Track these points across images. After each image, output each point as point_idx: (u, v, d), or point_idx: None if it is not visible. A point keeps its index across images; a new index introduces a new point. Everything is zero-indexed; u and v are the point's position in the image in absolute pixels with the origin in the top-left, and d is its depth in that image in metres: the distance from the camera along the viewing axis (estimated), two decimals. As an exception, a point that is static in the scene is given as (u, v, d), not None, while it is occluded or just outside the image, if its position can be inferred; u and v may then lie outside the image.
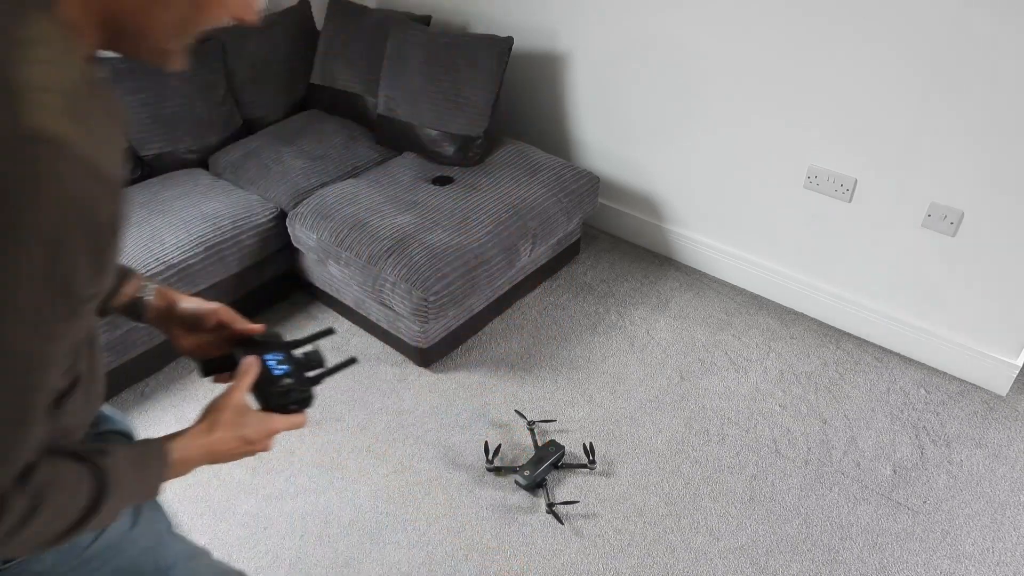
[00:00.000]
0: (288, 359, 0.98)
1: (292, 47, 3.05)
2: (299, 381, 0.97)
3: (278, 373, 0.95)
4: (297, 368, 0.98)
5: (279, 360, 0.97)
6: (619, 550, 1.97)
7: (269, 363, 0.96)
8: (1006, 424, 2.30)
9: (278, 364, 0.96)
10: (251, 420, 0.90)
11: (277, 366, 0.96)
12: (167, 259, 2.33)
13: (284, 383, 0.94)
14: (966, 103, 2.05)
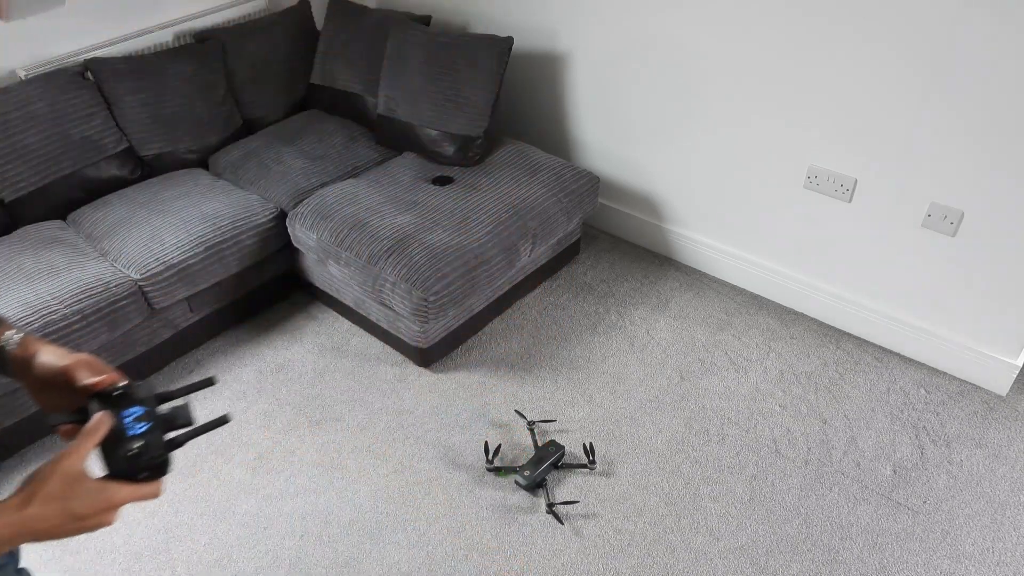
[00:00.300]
0: (149, 415, 0.84)
1: (292, 47, 3.05)
2: (154, 442, 0.82)
3: (133, 433, 0.82)
4: (157, 427, 0.84)
5: (138, 416, 0.83)
6: (619, 550, 1.97)
7: (125, 420, 0.82)
8: (1006, 424, 2.30)
9: (135, 421, 0.83)
10: (83, 491, 0.74)
11: (134, 424, 0.83)
12: (167, 259, 2.34)
13: (135, 445, 0.81)
14: (966, 103, 2.05)
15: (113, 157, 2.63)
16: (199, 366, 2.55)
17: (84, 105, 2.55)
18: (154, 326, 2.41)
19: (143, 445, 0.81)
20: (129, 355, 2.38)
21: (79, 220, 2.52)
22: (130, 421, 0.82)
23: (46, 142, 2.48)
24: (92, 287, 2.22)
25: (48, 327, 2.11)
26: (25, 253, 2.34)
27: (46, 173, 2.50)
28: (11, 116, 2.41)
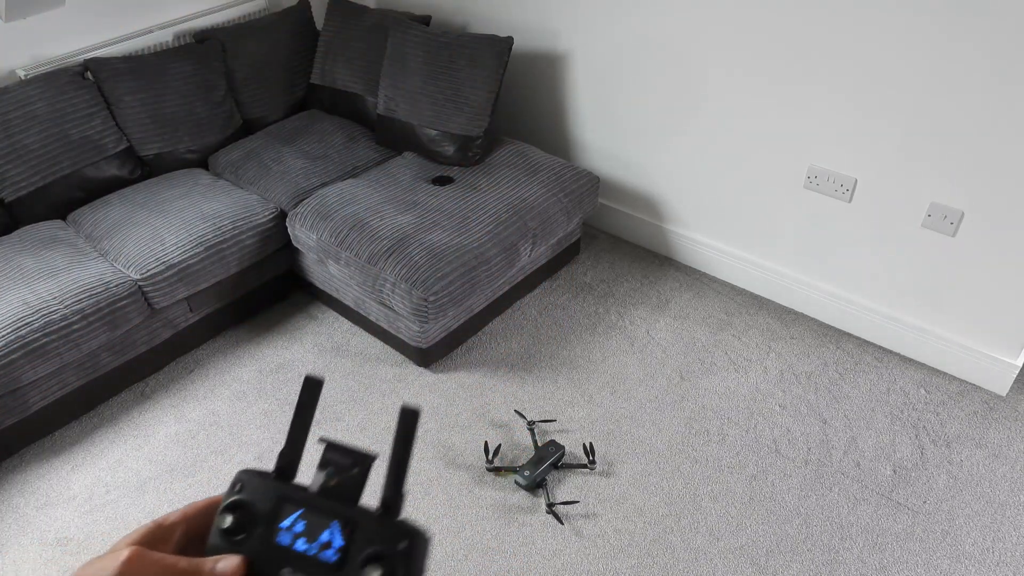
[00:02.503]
0: (317, 508, 0.48)
1: (292, 47, 3.05)
2: (387, 535, 0.47)
3: (300, 548, 0.47)
4: (351, 520, 0.48)
5: (298, 521, 0.48)
6: (619, 550, 1.97)
7: (282, 540, 0.48)
8: (1006, 424, 2.30)
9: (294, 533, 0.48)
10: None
11: (291, 536, 0.48)
12: (167, 259, 2.33)
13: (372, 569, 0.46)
14: (966, 103, 2.05)
15: (113, 157, 2.63)
16: (199, 366, 2.55)
17: (84, 105, 2.55)
18: (154, 326, 2.41)
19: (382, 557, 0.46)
20: (129, 355, 2.38)
21: (79, 220, 2.52)
22: (290, 536, 0.47)
23: (46, 142, 2.48)
24: (92, 287, 2.22)
25: (48, 327, 2.11)
26: (25, 253, 2.34)
27: (46, 173, 2.50)
28: (11, 116, 2.41)
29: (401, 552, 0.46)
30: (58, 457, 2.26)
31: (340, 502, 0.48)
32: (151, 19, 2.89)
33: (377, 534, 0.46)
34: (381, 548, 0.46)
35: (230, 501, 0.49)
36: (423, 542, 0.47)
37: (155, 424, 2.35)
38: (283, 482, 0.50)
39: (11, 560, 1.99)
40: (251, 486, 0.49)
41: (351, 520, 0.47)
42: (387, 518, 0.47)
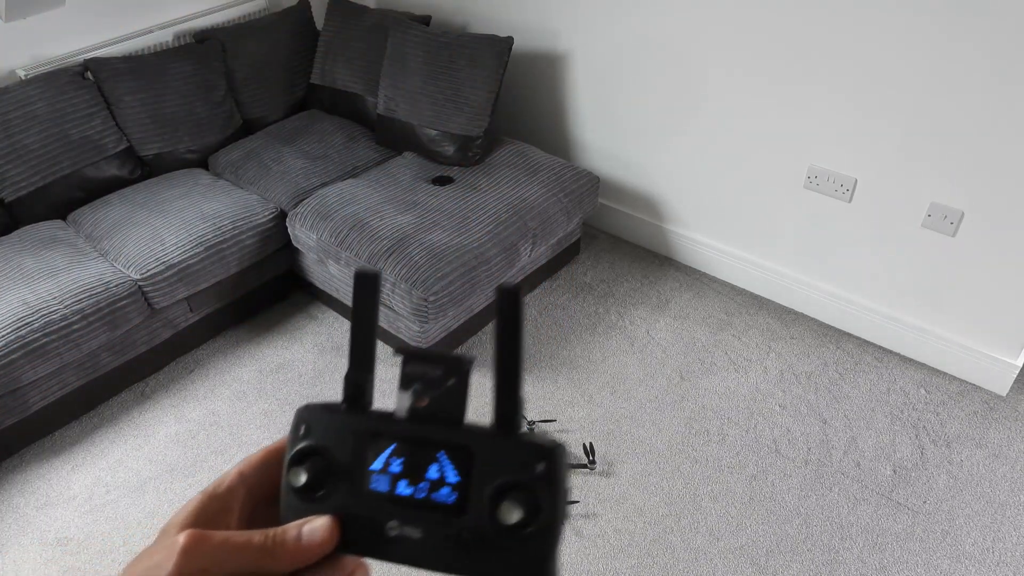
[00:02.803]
0: (412, 440, 0.38)
1: (292, 47, 3.05)
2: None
3: (441, 496, 0.38)
4: (463, 453, 0.38)
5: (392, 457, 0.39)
6: (619, 550, 1.97)
7: (375, 484, 0.38)
8: (1006, 424, 2.30)
9: (399, 472, 0.38)
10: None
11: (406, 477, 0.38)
12: (167, 259, 2.33)
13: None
14: (966, 103, 2.05)
15: (113, 157, 2.63)
16: (199, 366, 2.55)
17: (84, 105, 2.55)
18: (154, 326, 2.41)
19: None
20: (129, 355, 2.38)
21: (79, 220, 2.52)
22: (386, 480, 0.38)
23: (46, 142, 2.48)
24: (92, 287, 2.22)
25: (48, 327, 2.11)
26: (25, 253, 2.34)
27: (46, 173, 2.50)
28: (11, 116, 2.41)
29: (540, 477, 0.36)
30: (58, 457, 2.26)
31: (440, 426, 0.38)
32: (151, 19, 2.89)
33: (502, 459, 0.36)
34: (513, 476, 0.36)
35: (299, 450, 0.38)
36: (563, 458, 0.36)
37: (155, 424, 2.35)
38: (358, 413, 0.39)
39: (11, 560, 1.99)
40: (320, 426, 0.39)
41: (462, 447, 0.37)
42: (510, 436, 0.37)
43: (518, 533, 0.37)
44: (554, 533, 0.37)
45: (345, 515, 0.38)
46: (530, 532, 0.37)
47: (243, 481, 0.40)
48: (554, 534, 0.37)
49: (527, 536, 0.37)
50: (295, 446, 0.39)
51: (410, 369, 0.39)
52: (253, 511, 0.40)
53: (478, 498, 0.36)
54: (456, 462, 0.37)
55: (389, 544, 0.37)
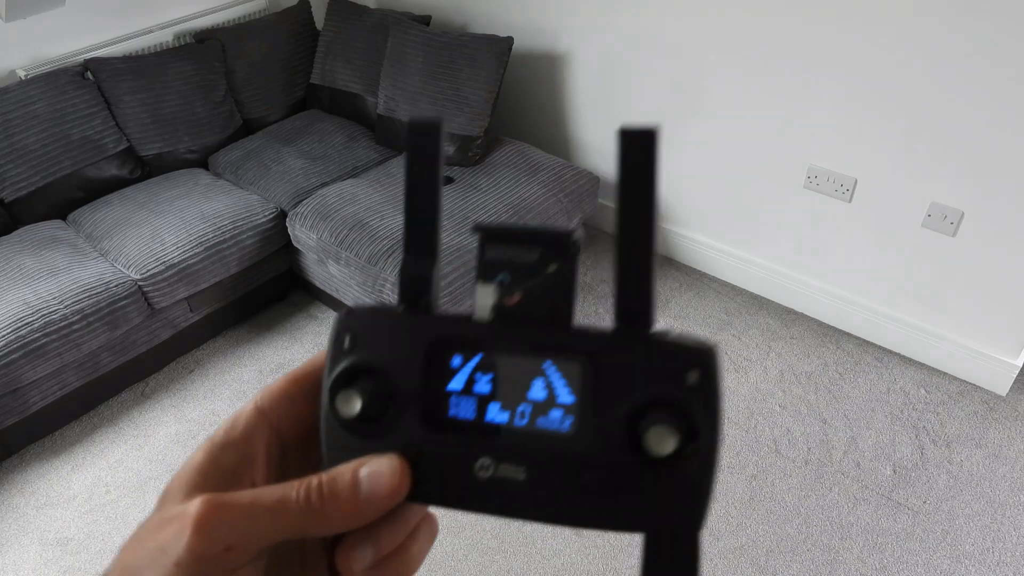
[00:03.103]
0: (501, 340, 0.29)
1: (292, 47, 3.05)
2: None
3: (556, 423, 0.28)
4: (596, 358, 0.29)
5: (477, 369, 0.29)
6: (619, 550, 1.97)
7: (453, 398, 0.29)
8: (1006, 424, 2.30)
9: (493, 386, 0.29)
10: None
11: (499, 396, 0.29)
12: (167, 259, 2.34)
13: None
14: (966, 103, 2.05)
15: (113, 157, 2.63)
16: (199, 366, 2.55)
17: (84, 105, 2.55)
18: (154, 326, 2.41)
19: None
20: (129, 355, 2.38)
21: (79, 220, 2.52)
22: (471, 405, 0.29)
23: (46, 142, 2.48)
24: (92, 287, 2.22)
25: (48, 327, 2.11)
26: (25, 253, 2.34)
27: (46, 173, 2.50)
28: (11, 116, 2.41)
29: (695, 390, 0.27)
30: (58, 457, 2.26)
31: (542, 328, 0.28)
32: (151, 19, 2.89)
33: (638, 368, 0.27)
34: (657, 390, 0.27)
35: (345, 368, 0.28)
36: (716, 361, 0.27)
37: (155, 424, 2.35)
38: (423, 317, 0.29)
39: (11, 560, 1.99)
40: (374, 335, 0.29)
41: (579, 353, 0.28)
42: (645, 337, 0.28)
43: (668, 467, 0.27)
44: (714, 464, 0.27)
45: (415, 453, 0.28)
46: (685, 465, 0.27)
47: (264, 418, 0.30)
48: (714, 466, 0.27)
49: (680, 470, 0.27)
50: (340, 363, 0.28)
51: (493, 253, 0.29)
52: (283, 459, 0.30)
53: (606, 423, 0.27)
54: (570, 375, 0.28)
55: (478, 490, 0.28)
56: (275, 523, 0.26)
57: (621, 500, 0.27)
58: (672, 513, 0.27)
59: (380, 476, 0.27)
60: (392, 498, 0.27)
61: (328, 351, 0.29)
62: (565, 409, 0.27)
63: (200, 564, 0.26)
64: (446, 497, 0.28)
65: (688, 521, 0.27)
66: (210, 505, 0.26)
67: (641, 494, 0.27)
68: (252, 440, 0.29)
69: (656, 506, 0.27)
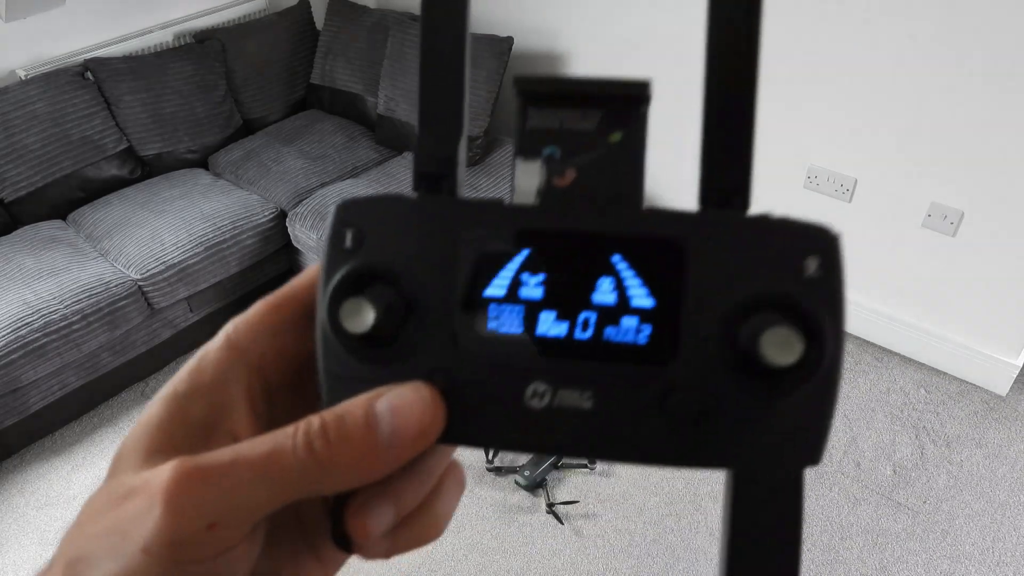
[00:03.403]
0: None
1: (292, 47, 3.05)
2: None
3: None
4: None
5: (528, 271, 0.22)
6: (619, 550, 1.97)
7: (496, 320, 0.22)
8: (1006, 424, 2.30)
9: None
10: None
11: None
12: (167, 259, 2.34)
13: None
14: (966, 103, 2.05)
15: (113, 157, 2.63)
16: (199, 366, 2.55)
17: (84, 105, 2.55)
18: (154, 326, 2.41)
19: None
20: (129, 355, 2.38)
21: (79, 220, 2.52)
22: (516, 314, 0.22)
23: (46, 142, 2.47)
24: (92, 287, 2.22)
25: (48, 327, 2.11)
26: (25, 253, 2.34)
27: (46, 173, 2.50)
28: (11, 116, 2.41)
29: (815, 282, 0.22)
30: (58, 457, 2.25)
31: (609, 213, 0.22)
32: (151, 19, 2.88)
33: (738, 256, 0.22)
34: (767, 285, 0.21)
35: (349, 272, 0.22)
36: (840, 245, 0.23)
37: (155, 424, 2.35)
38: (446, 203, 0.23)
39: (11, 560, 1.99)
40: (384, 228, 0.23)
41: (659, 241, 0.22)
42: (743, 220, 0.23)
43: (785, 383, 0.21)
44: (838, 379, 0.21)
45: (446, 381, 0.22)
46: (804, 379, 0.21)
47: (241, 356, 0.23)
48: (838, 381, 0.21)
49: (798, 386, 0.21)
50: (341, 267, 0.22)
51: (538, 119, 0.24)
52: (269, 405, 0.24)
53: (698, 329, 0.21)
54: (648, 271, 0.21)
55: (532, 424, 0.22)
56: (268, 485, 0.20)
57: (719, 428, 0.21)
58: (784, 443, 0.22)
59: (406, 410, 0.21)
60: (423, 439, 0.21)
61: (324, 254, 0.22)
62: (642, 315, 0.21)
63: (176, 549, 0.20)
64: (490, 435, 0.22)
65: (804, 452, 0.22)
66: (183, 471, 0.20)
67: (747, 419, 0.21)
68: (227, 384, 0.23)
69: (764, 434, 0.21)
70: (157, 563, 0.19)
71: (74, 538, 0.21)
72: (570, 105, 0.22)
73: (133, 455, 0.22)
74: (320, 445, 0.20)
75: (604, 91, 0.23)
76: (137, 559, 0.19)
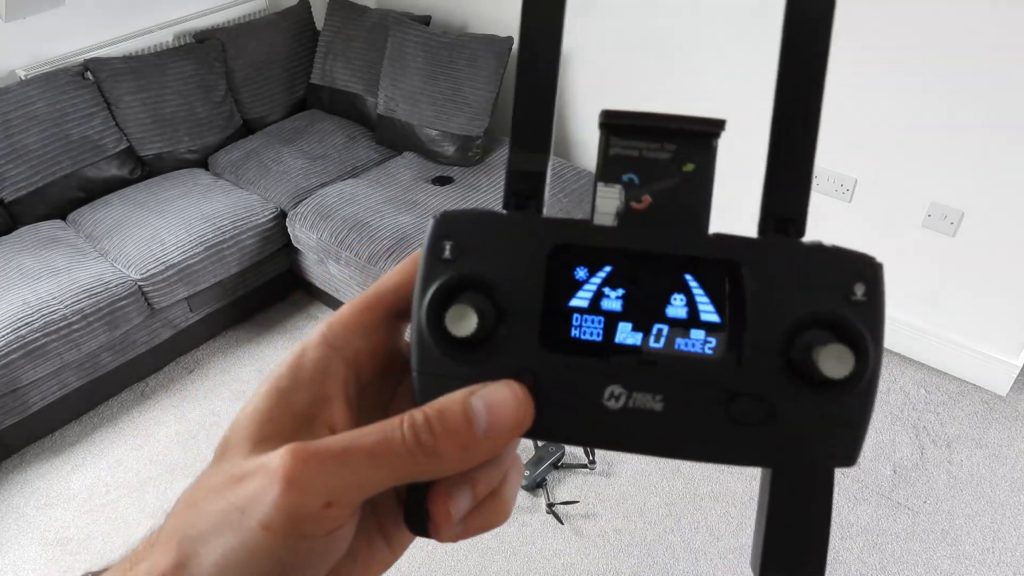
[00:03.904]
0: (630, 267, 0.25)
1: (292, 47, 3.05)
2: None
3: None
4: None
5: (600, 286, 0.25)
6: (619, 550, 1.97)
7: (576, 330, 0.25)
8: (1006, 424, 2.30)
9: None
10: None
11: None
12: (167, 259, 2.34)
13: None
14: (966, 103, 2.05)
15: (113, 157, 2.63)
16: (199, 366, 2.55)
17: (84, 105, 2.55)
18: (154, 326, 2.41)
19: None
20: (129, 355, 2.38)
21: (79, 220, 2.52)
22: (598, 324, 0.25)
23: (46, 142, 2.48)
24: (92, 287, 2.22)
25: (48, 327, 2.11)
26: (25, 253, 2.34)
27: (46, 173, 2.50)
28: (11, 116, 2.41)
29: (862, 306, 0.24)
30: (58, 457, 2.26)
31: (682, 237, 0.25)
32: (151, 19, 2.88)
33: (794, 280, 0.25)
34: (820, 306, 0.24)
35: (447, 281, 0.24)
36: (882, 274, 0.25)
37: (155, 424, 2.35)
38: (535, 222, 0.25)
39: (11, 560, 1.99)
40: (480, 242, 0.25)
41: (724, 263, 0.25)
42: (798, 247, 0.26)
43: (835, 393, 0.24)
44: (875, 391, 0.25)
45: (532, 380, 0.24)
46: (850, 390, 0.24)
47: (337, 353, 0.26)
48: (875, 392, 0.25)
49: (845, 395, 0.24)
50: (439, 276, 0.24)
51: (619, 148, 0.25)
52: (360, 397, 0.27)
53: (760, 343, 0.24)
54: (715, 290, 0.25)
55: (608, 423, 0.24)
56: (378, 469, 0.23)
57: (775, 432, 0.24)
58: (830, 445, 0.24)
59: (501, 405, 0.23)
60: (515, 431, 0.24)
61: (423, 261, 0.25)
62: (708, 328, 0.24)
63: (295, 525, 0.22)
64: (571, 431, 0.25)
65: (846, 453, 0.25)
66: (300, 454, 0.22)
67: (798, 425, 0.24)
68: (326, 379, 0.26)
69: (812, 438, 0.24)
70: (276, 537, 0.22)
71: (187, 515, 0.24)
72: (649, 137, 0.25)
73: (243, 442, 0.24)
74: (426, 436, 0.23)
75: (682, 126, 0.25)
76: (256, 534, 0.22)
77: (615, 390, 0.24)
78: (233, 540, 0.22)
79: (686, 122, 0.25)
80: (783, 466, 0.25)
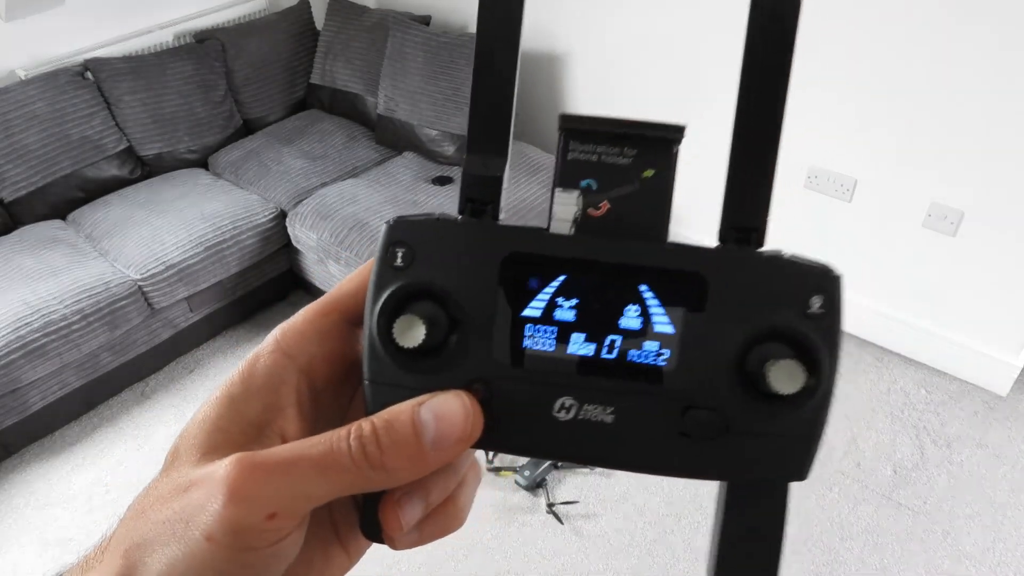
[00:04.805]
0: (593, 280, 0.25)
1: (292, 47, 3.05)
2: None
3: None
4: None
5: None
6: (619, 550, 1.97)
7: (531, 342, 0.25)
8: (1006, 424, 2.30)
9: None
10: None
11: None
12: (167, 259, 2.34)
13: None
14: (966, 103, 2.05)
15: (113, 157, 2.63)
16: (199, 366, 2.55)
17: (84, 105, 2.55)
18: (154, 326, 2.41)
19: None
20: (129, 355, 2.38)
21: (79, 220, 2.52)
22: (550, 334, 0.25)
23: (46, 142, 2.47)
24: (92, 287, 2.22)
25: (48, 327, 2.11)
26: (25, 253, 2.34)
27: (46, 173, 2.50)
28: (11, 116, 2.41)
29: (818, 319, 0.23)
30: (58, 457, 2.26)
31: (638, 246, 0.24)
32: (151, 19, 2.88)
33: (751, 292, 0.24)
34: (775, 319, 0.23)
35: (398, 289, 0.24)
36: (841, 286, 0.24)
37: (155, 424, 2.35)
38: (489, 228, 0.26)
39: (11, 560, 1.99)
40: (432, 249, 0.24)
41: (681, 274, 0.24)
42: (757, 258, 0.24)
43: (786, 408, 0.23)
44: (829, 406, 0.24)
45: (483, 391, 0.24)
46: (802, 405, 0.23)
47: (291, 361, 0.25)
48: (829, 407, 0.24)
49: (797, 411, 0.24)
50: (391, 283, 0.24)
51: (578, 153, 0.25)
52: (314, 405, 0.26)
53: (713, 356, 0.23)
54: (670, 301, 0.23)
55: (558, 435, 0.24)
56: (325, 481, 0.23)
57: (726, 445, 0.24)
58: (780, 459, 0.24)
59: (449, 417, 0.23)
60: (464, 443, 0.23)
61: (375, 269, 0.24)
62: (663, 340, 0.24)
63: (238, 536, 0.22)
64: (520, 443, 0.25)
65: (796, 468, 0.24)
66: (245, 465, 0.22)
67: (750, 438, 0.24)
68: (278, 387, 0.25)
69: (764, 452, 0.24)
70: (219, 549, 0.22)
71: (135, 523, 0.23)
72: (609, 142, 0.24)
73: (191, 451, 0.24)
74: (372, 448, 0.23)
75: (642, 131, 0.25)
76: (200, 545, 0.22)
77: (566, 401, 0.24)
78: (177, 550, 0.22)
79: (646, 127, 0.25)
80: (735, 480, 0.25)
